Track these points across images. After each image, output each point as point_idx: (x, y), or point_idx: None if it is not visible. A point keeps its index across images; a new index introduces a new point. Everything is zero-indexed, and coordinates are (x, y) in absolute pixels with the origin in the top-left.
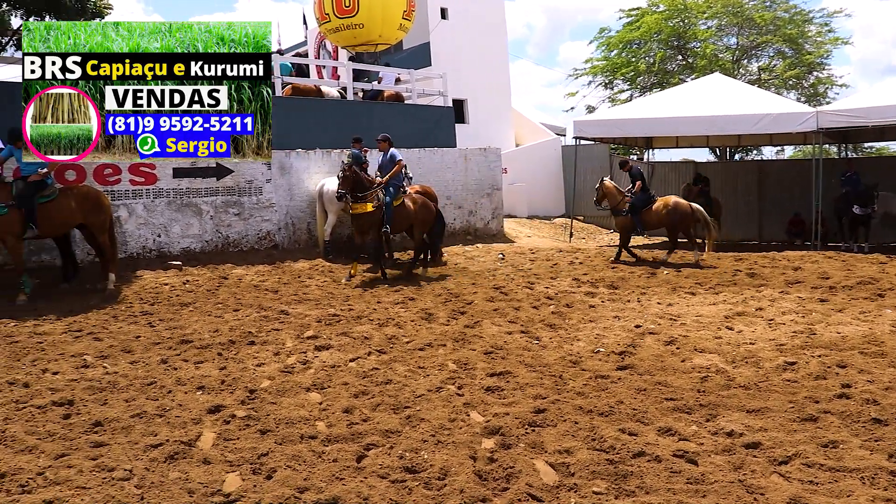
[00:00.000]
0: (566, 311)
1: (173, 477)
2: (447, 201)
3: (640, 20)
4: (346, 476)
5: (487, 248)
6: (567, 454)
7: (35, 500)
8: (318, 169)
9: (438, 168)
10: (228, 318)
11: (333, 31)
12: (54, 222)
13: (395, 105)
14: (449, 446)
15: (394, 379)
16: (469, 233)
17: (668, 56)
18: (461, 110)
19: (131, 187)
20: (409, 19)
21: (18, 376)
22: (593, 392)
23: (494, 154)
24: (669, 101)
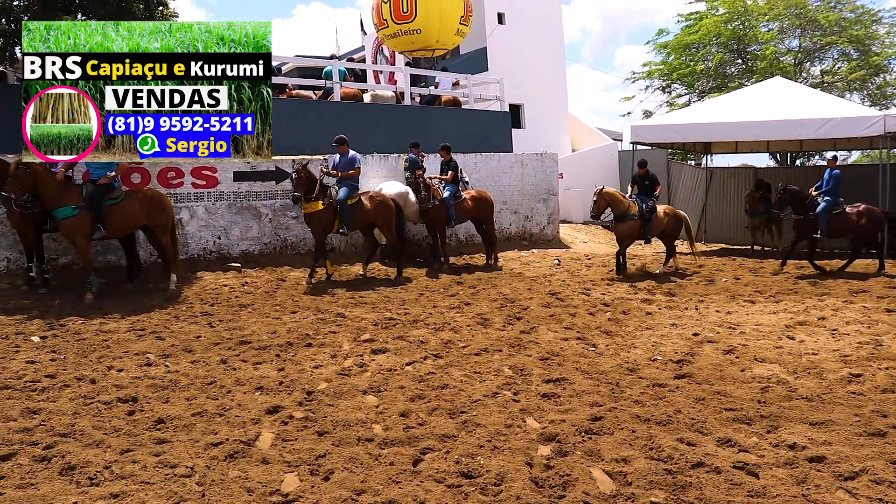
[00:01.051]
0: (623, 317)
1: (233, 475)
2: (503, 206)
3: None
4: (402, 479)
5: (543, 254)
6: (624, 463)
7: (103, 492)
8: (375, 173)
9: (495, 173)
10: (286, 320)
11: (391, 37)
12: (120, 224)
13: (452, 110)
14: (505, 452)
15: (450, 383)
16: (524, 238)
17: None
18: (517, 115)
19: (193, 190)
20: (467, 24)
21: (86, 372)
22: (651, 400)
23: (551, 159)
24: (729, 105)
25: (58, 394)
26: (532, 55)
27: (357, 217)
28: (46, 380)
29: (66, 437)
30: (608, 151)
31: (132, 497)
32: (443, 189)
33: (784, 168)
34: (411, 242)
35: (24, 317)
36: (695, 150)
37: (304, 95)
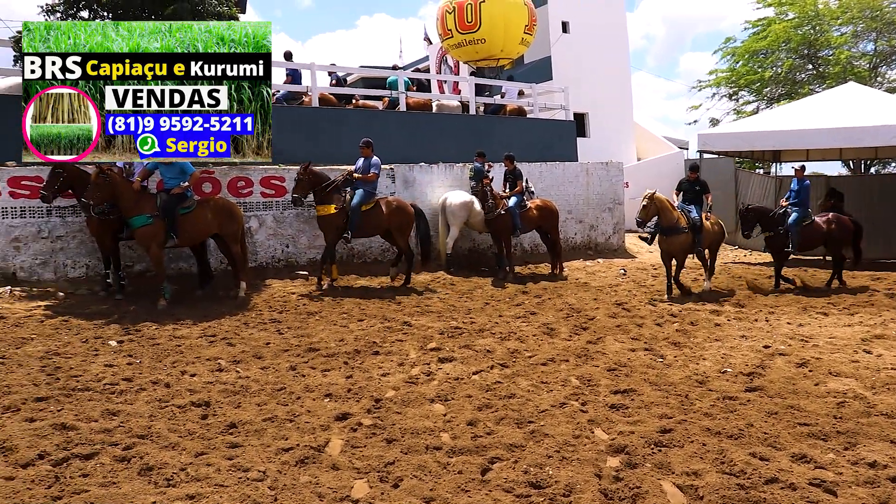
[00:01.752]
0: (691, 328)
1: (304, 480)
2: (568, 215)
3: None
4: (471, 488)
5: (608, 264)
6: (695, 476)
7: (179, 493)
8: (441, 182)
9: (560, 182)
10: (353, 328)
11: (456, 47)
12: (192, 232)
13: (517, 119)
14: (574, 463)
15: (517, 393)
16: (590, 247)
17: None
18: (582, 124)
19: (262, 199)
20: (531, 33)
21: (160, 376)
22: (721, 413)
23: (616, 168)
24: (799, 112)
25: (135, 396)
26: (597, 63)
27: (372, 223)
28: (124, 383)
29: (143, 439)
30: (674, 160)
31: (207, 499)
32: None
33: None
34: (476, 251)
35: (102, 321)
36: (763, 159)
37: (370, 106)
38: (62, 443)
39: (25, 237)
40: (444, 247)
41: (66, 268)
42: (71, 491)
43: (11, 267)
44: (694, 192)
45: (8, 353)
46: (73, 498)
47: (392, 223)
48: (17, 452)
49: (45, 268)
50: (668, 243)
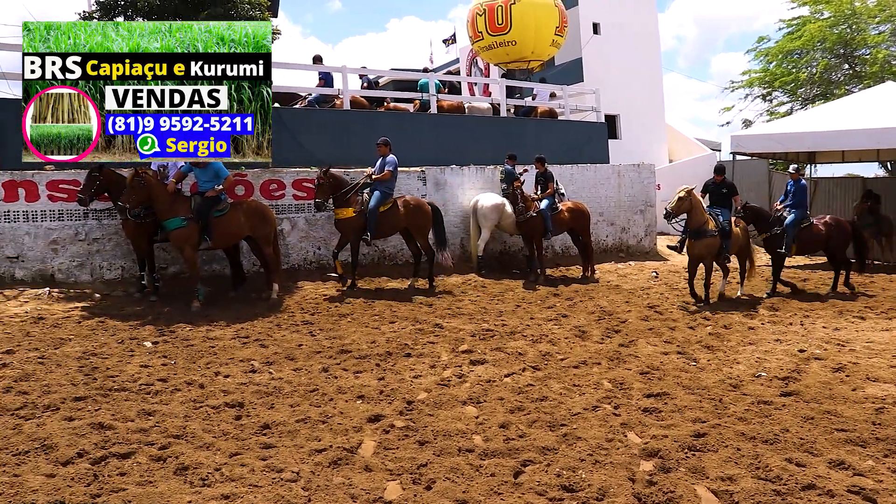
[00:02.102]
0: (724, 332)
1: (337, 482)
2: (599, 218)
3: (801, 29)
4: (504, 491)
5: (640, 266)
6: (730, 482)
7: (214, 493)
8: (472, 185)
9: (591, 184)
10: (385, 330)
11: (486, 49)
12: (226, 234)
13: (548, 121)
14: (606, 466)
15: (549, 396)
16: (621, 250)
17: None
18: (613, 125)
19: (294, 202)
20: (562, 35)
21: (195, 377)
22: (756, 418)
23: (648, 170)
24: (835, 112)
25: (170, 397)
26: (628, 65)
27: (390, 223)
28: (159, 383)
29: (178, 439)
30: (706, 162)
31: (242, 499)
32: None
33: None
34: (507, 254)
35: (137, 322)
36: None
37: (401, 108)
38: (100, 442)
39: (63, 239)
40: (475, 249)
41: (103, 269)
42: (109, 489)
43: (50, 269)
44: (720, 196)
45: (47, 354)
46: (112, 496)
47: (410, 223)
48: (58, 450)
49: (82, 269)
50: (696, 247)
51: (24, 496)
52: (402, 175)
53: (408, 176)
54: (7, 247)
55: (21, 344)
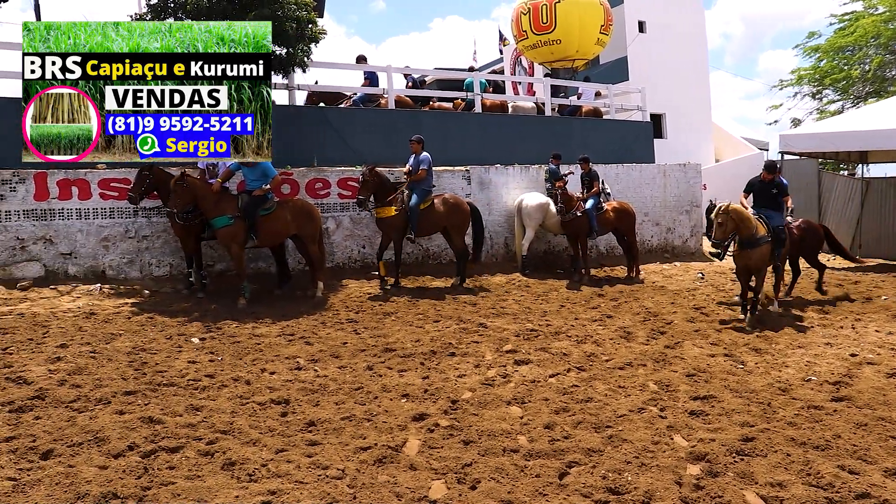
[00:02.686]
0: (772, 335)
1: (382, 480)
2: (644, 218)
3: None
4: (549, 492)
5: (686, 267)
6: (780, 488)
7: (261, 488)
8: (517, 184)
9: (637, 184)
10: (429, 329)
11: (531, 48)
12: (272, 233)
13: (593, 120)
14: (653, 469)
15: (594, 397)
16: (666, 251)
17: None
18: (659, 125)
19: (339, 200)
20: (607, 34)
21: (241, 373)
22: (806, 423)
23: (694, 170)
24: (888, 110)
25: (217, 393)
26: (674, 63)
27: (430, 221)
28: (206, 379)
29: (225, 434)
30: (754, 161)
31: (288, 495)
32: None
33: None
34: (551, 253)
35: (184, 319)
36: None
37: (445, 108)
38: (150, 435)
39: (114, 237)
40: (519, 249)
41: (151, 266)
42: (159, 482)
43: (101, 265)
44: (769, 196)
45: (99, 348)
46: (161, 489)
47: (449, 221)
48: (109, 443)
49: (132, 266)
50: (746, 257)
51: (78, 486)
52: (447, 174)
53: (452, 175)
54: (61, 243)
55: (74, 338)
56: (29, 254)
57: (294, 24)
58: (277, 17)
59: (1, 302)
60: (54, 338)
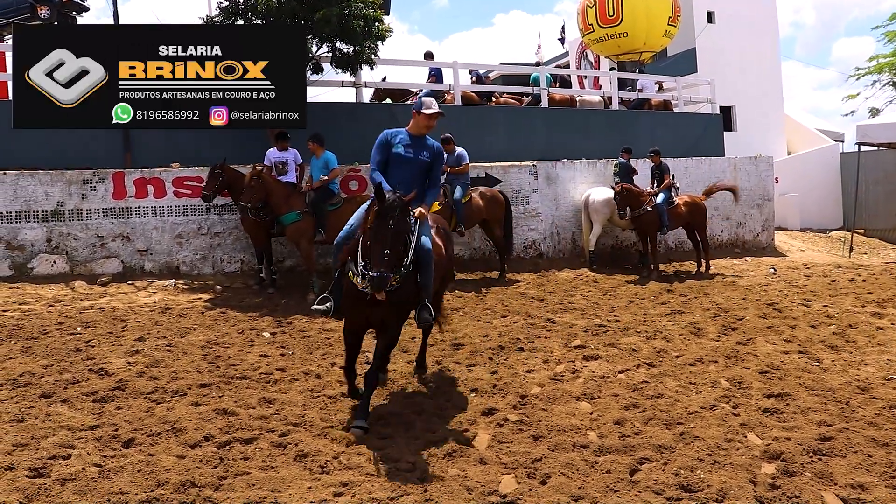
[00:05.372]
0: (850, 331)
1: (452, 473)
2: (714, 212)
3: None
4: (619, 489)
5: (757, 262)
6: (861, 490)
7: (333, 480)
8: (584, 179)
9: (706, 178)
10: (497, 324)
11: (597, 41)
12: (339, 228)
13: (660, 113)
14: (726, 467)
15: (665, 393)
16: (737, 245)
17: None
18: (729, 117)
19: None
20: (675, 25)
21: (312, 367)
22: (888, 424)
23: (765, 163)
24: None
25: (288, 386)
26: (744, 54)
27: (472, 214)
28: (278, 373)
29: (297, 427)
30: (828, 153)
31: (359, 487)
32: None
33: None
34: (619, 248)
35: (256, 314)
36: None
37: (511, 103)
38: (224, 427)
39: (187, 234)
40: (587, 244)
41: (223, 262)
42: (234, 472)
43: (175, 261)
44: None
45: (174, 342)
46: (237, 479)
47: (489, 213)
48: (186, 434)
49: (205, 262)
50: None
51: (158, 474)
52: (514, 169)
53: (519, 170)
54: (138, 240)
55: (151, 332)
56: (108, 250)
57: (361, 22)
58: (345, 16)
59: (83, 297)
60: (132, 331)
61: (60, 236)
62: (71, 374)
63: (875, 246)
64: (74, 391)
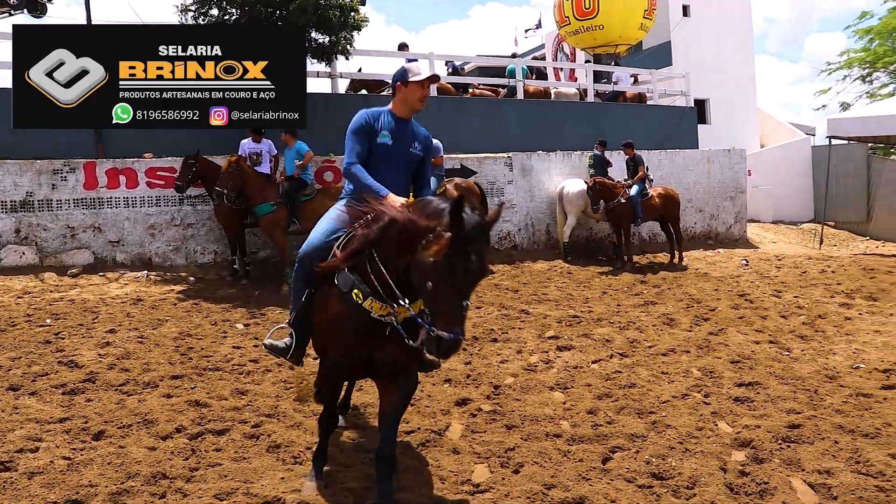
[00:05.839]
0: (819, 322)
1: (426, 463)
2: (688, 204)
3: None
4: (592, 477)
5: (729, 254)
6: (828, 475)
7: (306, 471)
8: (559, 171)
9: (680, 170)
10: (471, 315)
11: (573, 34)
12: (313, 218)
13: (636, 106)
14: (697, 455)
15: (637, 383)
16: (710, 237)
17: None
18: (703, 110)
19: None
20: (650, 18)
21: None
22: (854, 411)
23: (738, 155)
24: None
25: (261, 377)
26: (718, 47)
27: None
28: (251, 364)
29: (270, 418)
30: (800, 147)
31: (333, 478)
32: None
33: None
34: (593, 240)
35: (229, 305)
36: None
37: (487, 94)
38: (197, 418)
39: (160, 224)
40: (561, 235)
41: (196, 254)
42: (206, 464)
43: (148, 253)
44: None
45: (146, 334)
46: (209, 470)
47: None
48: (158, 425)
49: (178, 253)
50: None
51: (129, 466)
52: (489, 161)
53: (494, 162)
54: (109, 231)
55: (122, 324)
56: (79, 241)
57: (337, 12)
58: (321, 5)
59: (52, 288)
60: (103, 323)
61: (30, 227)
62: (40, 367)
63: (845, 238)
64: (43, 384)
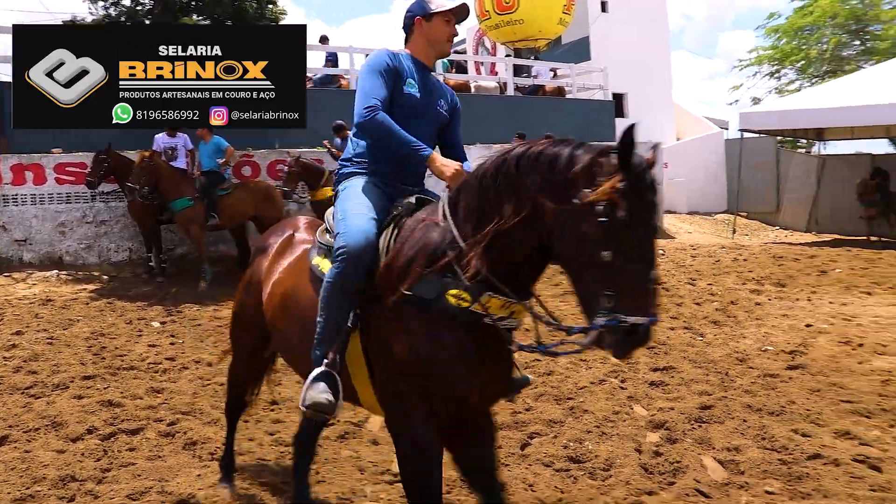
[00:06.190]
0: (731, 308)
1: (345, 455)
2: None
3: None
4: (511, 462)
5: None
6: (736, 452)
7: None
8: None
9: None
10: None
11: (493, 28)
12: (231, 213)
13: (556, 100)
14: (613, 438)
15: (555, 370)
16: None
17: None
18: (621, 104)
19: None
20: (569, 13)
21: (203, 356)
22: (762, 391)
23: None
24: (845, 88)
25: (178, 375)
26: (635, 43)
27: None
28: (167, 362)
29: (187, 415)
30: (714, 140)
31: (250, 471)
32: None
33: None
34: None
35: (145, 303)
36: (807, 137)
37: None
38: (109, 419)
39: (71, 222)
40: None
41: (110, 252)
42: (119, 464)
43: (58, 251)
44: None
45: (56, 334)
46: (122, 470)
47: None
48: (68, 427)
49: (90, 252)
50: None
51: (34, 471)
52: None
53: None
54: (15, 230)
55: (30, 325)
56: None
57: (254, 4)
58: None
59: None
60: (9, 325)
61: None
62: None
63: (756, 228)
64: None
